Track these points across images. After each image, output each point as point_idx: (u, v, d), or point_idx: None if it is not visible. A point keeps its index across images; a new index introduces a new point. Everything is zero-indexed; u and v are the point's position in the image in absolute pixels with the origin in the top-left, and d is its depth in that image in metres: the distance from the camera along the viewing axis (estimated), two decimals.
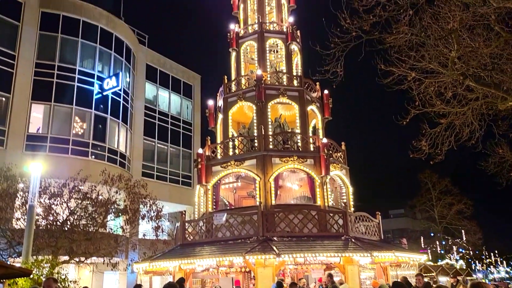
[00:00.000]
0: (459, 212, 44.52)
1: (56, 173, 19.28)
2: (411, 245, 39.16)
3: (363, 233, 15.85)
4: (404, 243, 19.81)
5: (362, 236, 15.50)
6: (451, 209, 44.56)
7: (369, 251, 13.56)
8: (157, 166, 31.67)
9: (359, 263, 14.88)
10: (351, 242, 14.20)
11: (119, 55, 28.70)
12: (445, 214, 44.98)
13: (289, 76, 18.15)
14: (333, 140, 17.25)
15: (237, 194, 18.96)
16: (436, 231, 46.97)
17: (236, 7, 20.31)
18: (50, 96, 25.08)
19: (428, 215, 47.19)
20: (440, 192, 44.68)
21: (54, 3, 26.40)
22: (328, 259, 14.50)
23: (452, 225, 45.26)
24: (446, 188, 44.45)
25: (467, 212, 44.40)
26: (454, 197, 44.24)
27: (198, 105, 36.45)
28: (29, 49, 25.13)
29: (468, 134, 12.71)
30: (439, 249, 45.45)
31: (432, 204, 45.09)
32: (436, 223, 45.79)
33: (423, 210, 47.43)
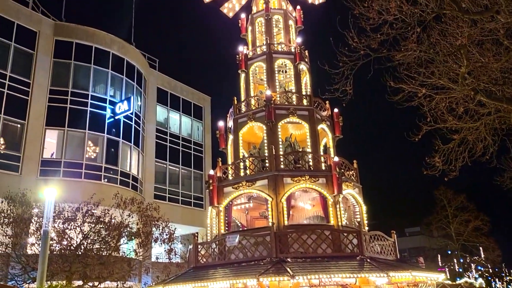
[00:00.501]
0: (476, 228, 43.59)
1: (69, 198, 19.45)
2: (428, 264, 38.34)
3: (378, 253, 15.56)
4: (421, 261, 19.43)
5: (377, 256, 15.22)
6: (468, 226, 43.67)
7: (385, 271, 13.29)
8: (169, 188, 31.77)
9: (376, 283, 14.57)
10: (366, 262, 13.94)
11: (130, 80, 29.20)
12: (462, 231, 44.06)
13: (298, 95, 18.22)
14: (344, 159, 17.15)
15: (249, 215, 18.84)
16: (454, 248, 45.95)
17: (244, 29, 20.60)
18: (63, 122, 25.53)
19: (444, 233, 46.29)
20: (456, 208, 43.90)
21: (68, 31, 27.12)
22: (344, 280, 14.24)
23: (470, 242, 44.27)
24: (462, 204, 43.68)
25: (484, 228, 43.45)
26: (470, 213, 43.41)
27: (208, 126, 36.72)
28: (43, 76, 25.73)
29: (481, 150, 12.57)
30: (457, 267, 44.36)
31: (448, 221, 44.27)
32: (453, 240, 44.84)
33: (439, 227, 46.55)
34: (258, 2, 21.12)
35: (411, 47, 11.46)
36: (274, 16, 20.18)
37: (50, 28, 26.71)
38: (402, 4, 10.79)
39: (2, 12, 24.54)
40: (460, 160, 12.50)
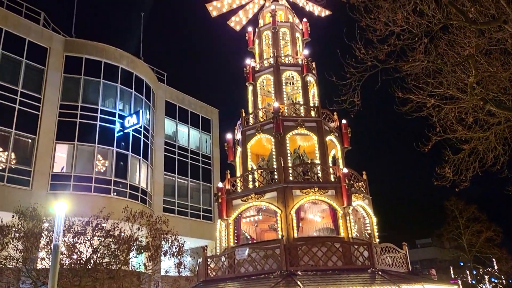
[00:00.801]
0: (488, 239, 42.88)
1: (79, 212, 19.52)
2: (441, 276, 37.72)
3: (390, 265, 15.39)
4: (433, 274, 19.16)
5: (389, 268, 15.05)
6: (480, 237, 42.98)
7: (397, 284, 13.15)
8: (178, 201, 31.79)
9: None
10: (378, 275, 13.79)
11: (139, 94, 29.48)
12: (474, 242, 43.37)
13: (306, 107, 18.25)
14: (354, 170, 17.07)
15: (259, 227, 18.77)
16: (466, 260, 45.19)
17: (251, 42, 20.77)
18: (73, 136, 25.79)
19: (456, 244, 45.59)
20: (467, 219, 43.29)
21: (78, 47, 27.54)
22: None
23: (482, 254, 43.54)
24: (473, 215, 43.06)
25: (496, 239, 42.72)
26: (482, 224, 42.76)
27: (216, 138, 36.87)
28: (53, 91, 26.08)
29: (492, 159, 12.44)
30: (470, 279, 43.58)
31: (460, 232, 43.63)
32: (465, 252, 44.14)
33: (451, 238, 45.87)
34: (264, 16, 21.33)
35: (419, 57, 11.43)
36: (281, 29, 20.34)
37: (60, 44, 27.15)
38: (409, 15, 10.82)
39: (14, 29, 25.02)
40: (471, 170, 12.37)
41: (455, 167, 12.29)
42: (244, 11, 21.92)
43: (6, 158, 23.54)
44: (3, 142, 23.74)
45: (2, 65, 24.34)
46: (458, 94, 11.89)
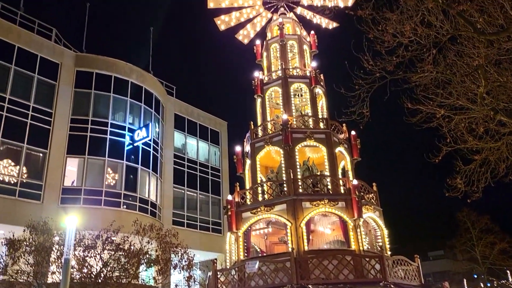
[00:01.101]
0: (502, 251, 42.08)
1: (90, 225, 19.56)
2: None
3: (402, 278, 15.20)
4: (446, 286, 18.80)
5: (401, 281, 14.87)
6: (494, 249, 42.22)
7: None
8: (187, 213, 31.77)
9: None
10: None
11: (148, 107, 29.73)
12: (488, 254, 42.59)
13: (315, 119, 18.28)
14: (364, 181, 16.98)
15: (268, 240, 18.69)
16: (480, 272, 44.37)
17: (259, 55, 20.94)
18: (84, 150, 25.99)
19: (469, 256, 44.79)
20: (480, 231, 42.56)
21: (88, 62, 27.92)
22: None
23: (496, 266, 42.71)
24: (486, 226, 42.33)
25: (511, 251, 41.92)
26: (496, 235, 42.03)
27: (225, 151, 36.91)
28: (64, 106, 26.39)
29: (504, 170, 12.28)
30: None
31: (473, 243, 42.89)
32: (478, 264, 43.34)
33: (464, 250, 45.09)
34: (272, 29, 21.51)
35: (428, 68, 11.41)
36: (289, 42, 20.49)
37: (71, 59, 27.55)
38: (417, 27, 10.83)
39: (26, 45, 25.47)
40: (483, 181, 12.21)
41: (466, 178, 12.13)
42: (251, 25, 22.14)
43: (18, 173, 23.79)
44: (15, 156, 23.99)
45: (15, 81, 24.69)
46: (468, 104, 11.82)
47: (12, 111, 24.16)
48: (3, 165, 23.58)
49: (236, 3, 21.07)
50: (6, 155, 23.75)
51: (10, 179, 23.46)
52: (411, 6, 10.74)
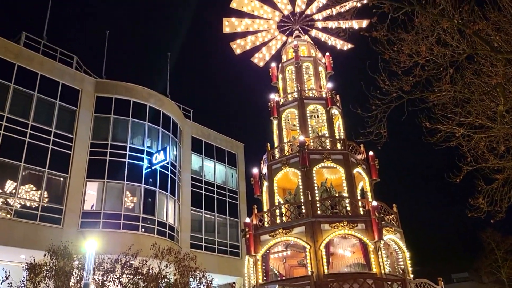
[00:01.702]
0: None
1: (109, 249, 19.69)
2: None
3: None
4: None
5: None
6: None
7: None
8: (205, 236, 31.68)
9: None
10: None
11: (166, 130, 30.12)
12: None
13: (332, 139, 18.21)
14: (383, 202, 16.72)
15: (287, 263, 18.43)
16: None
17: (275, 77, 21.11)
18: (103, 174, 26.35)
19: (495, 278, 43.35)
20: (505, 251, 41.30)
21: (108, 88, 28.60)
22: None
23: None
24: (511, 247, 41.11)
25: None
26: None
27: (242, 173, 36.96)
28: (85, 131, 26.95)
29: None
30: None
31: (499, 265, 41.58)
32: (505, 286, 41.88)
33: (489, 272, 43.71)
34: (287, 51, 21.74)
35: (445, 87, 11.33)
36: (304, 64, 20.64)
37: (91, 85, 28.26)
38: (433, 47, 10.81)
39: (48, 73, 26.25)
40: (506, 201, 11.93)
41: (489, 198, 11.88)
42: (267, 48, 22.42)
43: (39, 197, 24.19)
44: (37, 181, 24.44)
45: (37, 107, 25.38)
46: (488, 123, 11.66)
47: (34, 137, 24.75)
48: (25, 190, 24.05)
49: (251, 28, 21.42)
50: (28, 180, 24.24)
51: (32, 204, 23.87)
52: (426, 26, 10.76)
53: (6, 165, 23.33)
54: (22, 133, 24.21)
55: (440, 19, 10.26)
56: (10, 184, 23.39)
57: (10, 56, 24.73)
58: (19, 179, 23.51)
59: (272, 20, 21.49)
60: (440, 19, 10.25)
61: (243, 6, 20.65)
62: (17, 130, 24.07)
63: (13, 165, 23.50)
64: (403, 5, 10.20)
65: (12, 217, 22.77)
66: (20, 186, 23.60)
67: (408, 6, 10.23)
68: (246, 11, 20.75)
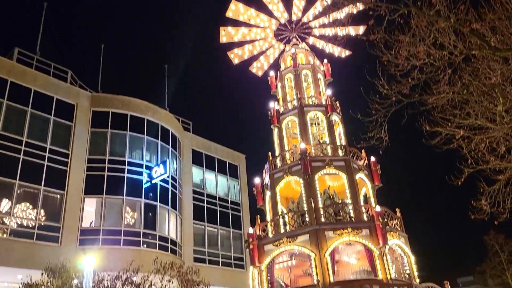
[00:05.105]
0: None
1: (109, 266, 19.33)
2: None
3: None
4: None
5: None
6: None
7: None
8: (208, 250, 31.25)
9: None
10: None
11: (165, 143, 29.86)
12: None
13: (333, 146, 18.11)
14: (387, 207, 16.57)
15: (292, 273, 18.15)
16: None
17: (274, 86, 21.06)
18: (101, 189, 25.96)
19: (500, 280, 42.96)
20: (509, 253, 40.99)
21: (104, 102, 28.36)
22: None
23: None
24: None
25: None
26: None
27: (244, 184, 36.61)
28: (81, 146, 26.57)
29: None
30: None
31: (503, 267, 41.23)
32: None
33: (494, 275, 43.33)
34: (285, 59, 21.73)
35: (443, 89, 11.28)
36: (303, 71, 20.61)
37: (87, 100, 27.98)
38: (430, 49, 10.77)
39: (42, 88, 25.89)
40: (509, 202, 11.81)
41: (491, 199, 11.78)
42: (265, 57, 22.40)
43: (36, 215, 23.76)
44: (33, 199, 23.97)
45: (31, 123, 24.97)
46: (488, 123, 11.58)
47: (29, 153, 24.35)
48: (21, 208, 23.60)
49: (248, 36, 21.41)
50: (23, 198, 23.76)
51: (28, 223, 23.40)
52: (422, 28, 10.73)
53: (1, 183, 22.89)
54: (16, 150, 23.80)
55: (436, 20, 10.23)
56: (6, 202, 22.92)
57: (3, 72, 24.40)
58: (14, 197, 23.05)
59: (269, 29, 21.52)
60: (436, 19, 10.23)
61: (239, 15, 20.66)
62: (11, 147, 23.64)
63: (8, 183, 23.04)
64: (399, 6, 10.19)
65: (8, 237, 22.27)
66: (16, 205, 23.14)
67: (403, 8, 10.22)
68: (243, 20, 20.77)
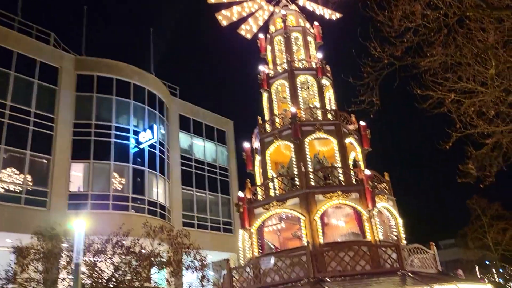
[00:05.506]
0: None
1: (98, 230, 19.29)
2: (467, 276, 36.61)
3: (418, 266, 14.94)
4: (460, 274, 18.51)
5: (418, 270, 14.60)
6: (506, 235, 41.89)
7: (430, 285, 12.76)
8: (197, 215, 31.51)
9: None
10: (408, 277, 13.39)
11: (152, 109, 29.46)
12: (500, 241, 42.28)
13: (323, 110, 17.97)
14: (375, 171, 16.68)
15: (282, 236, 18.39)
16: (492, 259, 44.01)
17: (263, 49, 20.59)
18: (88, 154, 25.75)
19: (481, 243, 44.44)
20: (491, 217, 42.23)
21: (89, 65, 27.67)
22: None
23: (509, 252, 42.34)
24: (497, 213, 42.00)
25: None
26: (508, 221, 41.69)
27: (232, 150, 36.58)
28: (67, 110, 26.13)
29: None
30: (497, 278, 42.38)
31: (484, 231, 42.55)
32: (491, 250, 42.99)
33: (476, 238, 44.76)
34: (275, 21, 21.18)
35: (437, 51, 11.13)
36: (293, 34, 20.15)
37: (71, 63, 27.28)
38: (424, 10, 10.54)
39: (25, 51, 25.19)
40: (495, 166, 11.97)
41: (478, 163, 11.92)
42: (254, 19, 21.77)
43: (23, 180, 23.54)
44: (19, 164, 23.73)
45: (15, 87, 24.47)
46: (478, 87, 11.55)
47: (14, 117, 23.94)
48: (7, 173, 23.36)
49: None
50: (10, 163, 23.52)
51: (15, 187, 23.24)
52: None
53: None
54: (1, 114, 23.36)
55: None
56: None
57: None
58: (0, 162, 22.78)
59: None
60: None
61: None
62: None
63: None
64: None
65: None
66: (2, 169, 22.90)
67: None
68: None
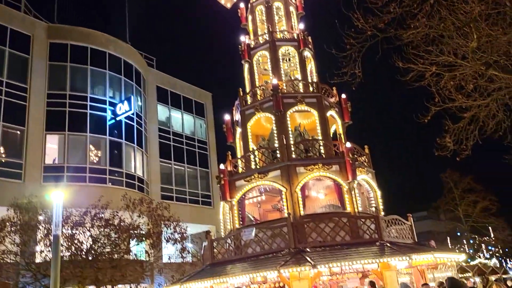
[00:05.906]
0: (484, 209, 43.43)
1: (76, 203, 18.99)
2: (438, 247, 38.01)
3: (396, 237, 15.30)
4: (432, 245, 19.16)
5: (396, 240, 14.95)
6: (476, 207, 43.51)
7: (408, 254, 13.04)
8: (176, 187, 31.33)
9: (397, 268, 14.31)
10: (386, 247, 13.69)
11: (129, 79, 28.71)
12: (470, 213, 43.94)
13: (305, 83, 17.82)
14: (356, 144, 16.80)
15: (262, 208, 18.48)
16: (463, 230, 45.80)
17: (244, 19, 20.11)
18: (63, 126, 25.07)
19: (452, 215, 46.13)
20: (463, 190, 43.70)
21: (62, 33, 26.59)
22: (365, 266, 13.97)
23: (479, 223, 44.10)
24: (469, 186, 43.48)
25: (492, 208, 43.30)
26: (478, 194, 43.22)
27: (211, 123, 36.21)
28: (40, 80, 25.22)
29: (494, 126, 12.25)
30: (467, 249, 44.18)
31: (456, 203, 44.08)
32: (461, 222, 44.70)
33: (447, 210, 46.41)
34: None
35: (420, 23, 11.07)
36: (275, 3, 19.71)
37: (43, 31, 26.17)
38: None
39: None
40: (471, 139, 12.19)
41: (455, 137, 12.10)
42: None
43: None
44: None
45: None
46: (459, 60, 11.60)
47: None
48: None
49: None
50: None
51: None
52: None
53: None
54: None
55: None
56: None
57: None
58: None
59: None
60: None
61: None
62: None
63: None
64: None
65: None
66: None
67: None
68: None
